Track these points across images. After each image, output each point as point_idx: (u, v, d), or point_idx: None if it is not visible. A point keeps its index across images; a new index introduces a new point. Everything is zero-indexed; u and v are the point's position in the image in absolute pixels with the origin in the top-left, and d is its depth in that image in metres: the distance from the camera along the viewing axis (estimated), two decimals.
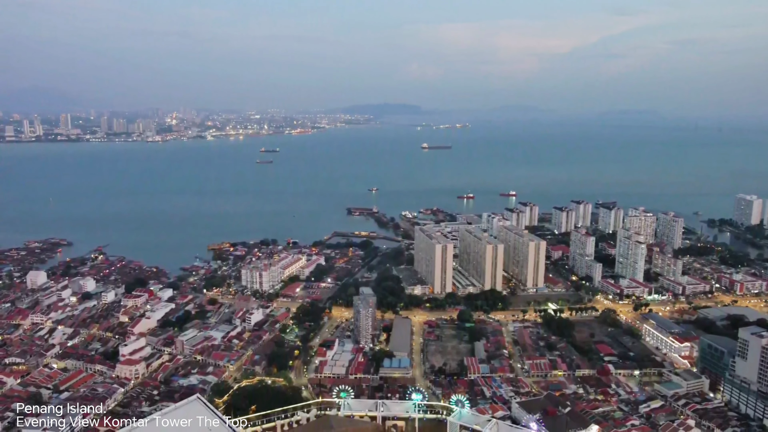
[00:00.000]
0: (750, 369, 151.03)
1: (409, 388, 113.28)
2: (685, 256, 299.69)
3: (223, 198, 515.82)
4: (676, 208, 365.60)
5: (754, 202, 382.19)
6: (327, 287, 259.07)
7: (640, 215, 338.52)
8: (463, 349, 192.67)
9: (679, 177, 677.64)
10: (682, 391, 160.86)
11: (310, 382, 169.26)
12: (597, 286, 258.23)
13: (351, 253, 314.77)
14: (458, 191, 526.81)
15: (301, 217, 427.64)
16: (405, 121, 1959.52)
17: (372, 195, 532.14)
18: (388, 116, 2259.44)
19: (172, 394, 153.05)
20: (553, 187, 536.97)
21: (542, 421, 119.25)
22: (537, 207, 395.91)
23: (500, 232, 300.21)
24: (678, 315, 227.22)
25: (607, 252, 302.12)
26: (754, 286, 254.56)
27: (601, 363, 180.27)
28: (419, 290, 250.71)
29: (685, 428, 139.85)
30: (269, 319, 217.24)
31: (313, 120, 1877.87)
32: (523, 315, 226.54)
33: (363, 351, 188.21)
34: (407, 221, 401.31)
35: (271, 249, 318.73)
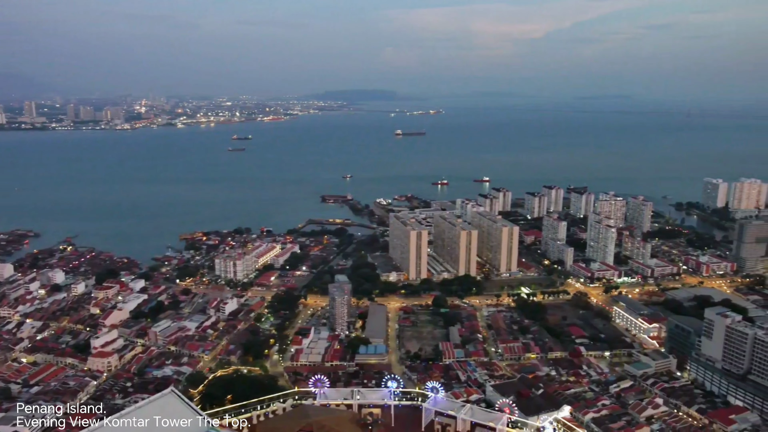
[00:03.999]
0: (715, 348, 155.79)
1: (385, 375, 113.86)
2: (654, 239, 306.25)
3: (195, 186, 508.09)
4: (646, 192, 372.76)
5: (720, 185, 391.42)
6: (302, 275, 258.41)
7: (611, 200, 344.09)
8: (438, 335, 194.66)
9: (649, 161, 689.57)
10: (651, 371, 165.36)
11: (286, 371, 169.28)
12: (569, 270, 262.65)
13: (326, 240, 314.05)
14: (432, 178, 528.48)
15: (275, 204, 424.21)
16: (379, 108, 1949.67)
17: (346, 182, 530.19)
18: (363, 102, 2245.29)
19: (146, 386, 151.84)
20: (526, 173, 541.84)
21: (516, 403, 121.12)
22: (510, 193, 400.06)
23: (474, 218, 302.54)
24: (647, 297, 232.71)
25: (579, 236, 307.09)
26: (719, 267, 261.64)
27: (572, 345, 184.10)
28: (394, 277, 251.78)
29: (653, 406, 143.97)
30: (244, 309, 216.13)
31: (285, 107, 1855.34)
32: (496, 299, 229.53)
33: (339, 338, 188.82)
34: (382, 208, 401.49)
35: (245, 238, 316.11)
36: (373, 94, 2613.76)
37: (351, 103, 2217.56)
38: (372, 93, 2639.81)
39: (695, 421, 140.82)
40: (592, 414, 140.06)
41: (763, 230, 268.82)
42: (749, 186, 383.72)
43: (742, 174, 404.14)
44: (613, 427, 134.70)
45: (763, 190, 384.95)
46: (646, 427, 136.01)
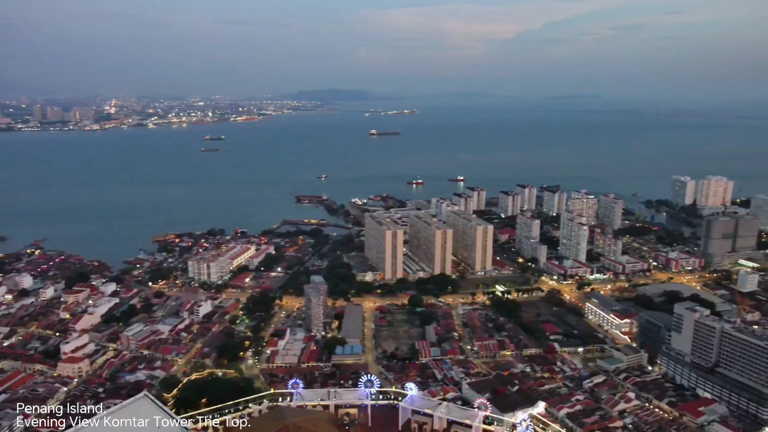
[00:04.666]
0: (684, 342, 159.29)
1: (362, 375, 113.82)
2: (625, 236, 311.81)
3: (167, 188, 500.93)
4: (616, 190, 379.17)
5: (688, 183, 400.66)
6: (277, 276, 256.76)
7: (582, 198, 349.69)
8: (415, 334, 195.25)
9: (620, 160, 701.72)
10: (623, 366, 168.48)
11: (261, 373, 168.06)
12: (542, 268, 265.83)
13: (301, 241, 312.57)
14: (407, 177, 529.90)
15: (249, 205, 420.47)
16: (353, 107, 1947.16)
17: (321, 182, 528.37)
18: (337, 102, 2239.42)
19: (119, 391, 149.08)
20: (499, 172, 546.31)
21: (491, 400, 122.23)
22: (484, 192, 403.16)
23: (449, 217, 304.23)
24: (618, 293, 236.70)
25: (552, 234, 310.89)
26: (688, 263, 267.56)
27: (547, 342, 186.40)
28: (370, 277, 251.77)
29: (625, 401, 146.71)
30: (218, 311, 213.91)
31: (259, 107, 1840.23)
32: (472, 298, 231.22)
33: (315, 339, 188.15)
34: (357, 208, 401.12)
35: (219, 239, 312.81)
36: (347, 94, 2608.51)
37: (325, 103, 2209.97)
38: (346, 93, 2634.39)
39: (666, 414, 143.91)
40: (567, 409, 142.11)
41: (729, 226, 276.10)
42: (716, 183, 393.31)
43: (709, 172, 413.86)
44: (586, 422, 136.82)
45: (729, 188, 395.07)
46: (619, 421, 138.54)
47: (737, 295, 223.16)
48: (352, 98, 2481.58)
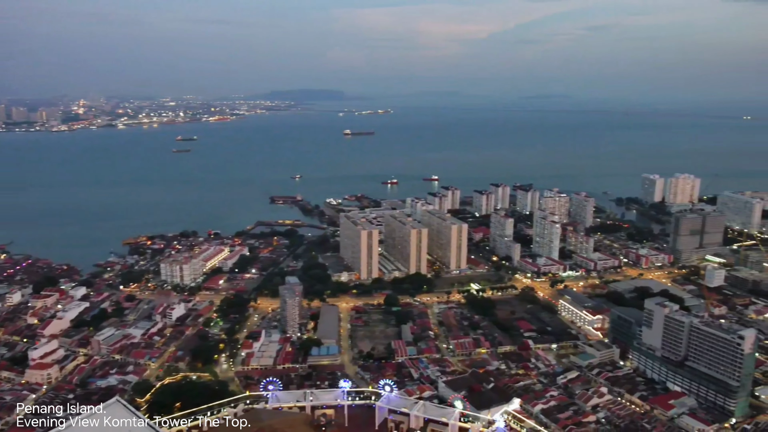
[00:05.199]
0: (655, 337, 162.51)
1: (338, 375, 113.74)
2: (596, 233, 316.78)
3: (138, 189, 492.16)
4: (588, 189, 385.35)
5: (657, 181, 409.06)
6: (252, 278, 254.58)
7: (555, 196, 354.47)
8: (391, 333, 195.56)
9: (591, 158, 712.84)
10: (596, 361, 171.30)
11: (237, 375, 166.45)
12: (516, 266, 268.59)
13: (275, 242, 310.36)
14: (382, 177, 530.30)
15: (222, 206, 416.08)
16: (328, 108, 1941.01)
17: (296, 183, 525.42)
18: (311, 102, 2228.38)
19: (90, 397, 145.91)
20: (473, 172, 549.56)
21: (467, 397, 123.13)
22: (459, 191, 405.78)
23: (424, 216, 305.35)
24: (590, 290, 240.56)
25: (525, 232, 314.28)
26: (657, 259, 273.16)
27: (521, 339, 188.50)
28: (346, 277, 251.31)
29: (598, 395, 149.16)
30: (192, 314, 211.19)
31: (232, 107, 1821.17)
32: (447, 296, 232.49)
33: (290, 340, 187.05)
34: (332, 208, 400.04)
35: (192, 241, 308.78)
36: (321, 93, 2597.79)
37: (299, 103, 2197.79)
38: (320, 93, 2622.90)
39: (638, 408, 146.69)
40: (541, 405, 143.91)
41: (696, 223, 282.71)
42: (683, 181, 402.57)
43: (677, 170, 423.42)
44: (561, 417, 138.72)
45: (696, 185, 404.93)
46: (592, 415, 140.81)
47: (705, 290, 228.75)
48: (326, 98, 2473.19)
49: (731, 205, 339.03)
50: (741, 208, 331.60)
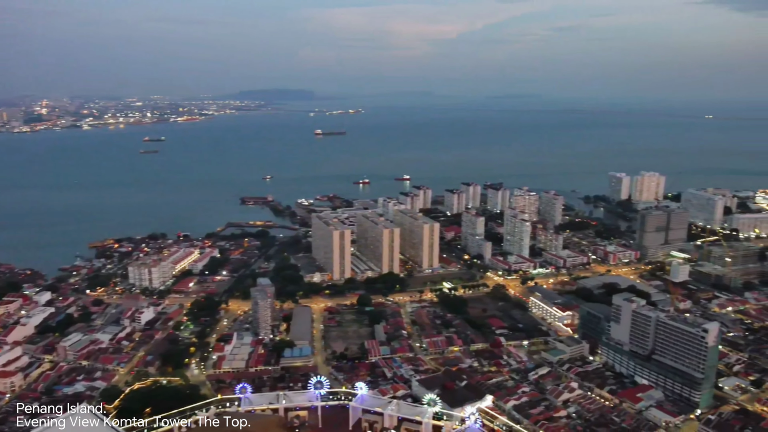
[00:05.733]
0: (623, 332, 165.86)
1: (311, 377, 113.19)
2: (565, 231, 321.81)
3: (105, 191, 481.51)
4: (556, 187, 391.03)
5: (623, 179, 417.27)
6: (222, 280, 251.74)
7: (525, 195, 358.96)
8: (364, 333, 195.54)
9: (559, 157, 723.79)
10: (566, 357, 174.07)
11: (208, 379, 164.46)
12: (487, 264, 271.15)
13: (246, 243, 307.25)
14: (354, 177, 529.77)
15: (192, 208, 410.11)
16: (298, 107, 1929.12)
17: (266, 183, 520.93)
18: (281, 102, 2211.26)
19: (56, 405, 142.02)
20: (445, 171, 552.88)
21: (441, 395, 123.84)
22: (430, 190, 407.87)
23: (396, 216, 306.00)
24: (560, 286, 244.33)
25: (496, 231, 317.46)
26: (624, 255, 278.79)
27: (493, 336, 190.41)
28: (318, 277, 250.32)
29: (569, 390, 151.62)
30: (161, 317, 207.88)
31: (200, 107, 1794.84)
32: (420, 295, 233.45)
33: (263, 342, 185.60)
34: (304, 209, 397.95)
35: (160, 243, 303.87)
36: (291, 93, 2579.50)
37: (269, 103, 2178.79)
38: (291, 93, 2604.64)
39: (607, 402, 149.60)
40: (513, 401, 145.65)
41: (661, 220, 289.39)
42: (649, 179, 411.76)
43: (643, 168, 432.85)
44: (533, 413, 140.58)
45: (662, 183, 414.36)
46: (563, 410, 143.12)
47: (670, 286, 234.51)
48: (297, 98, 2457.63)
49: (694, 202, 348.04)
50: (704, 205, 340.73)
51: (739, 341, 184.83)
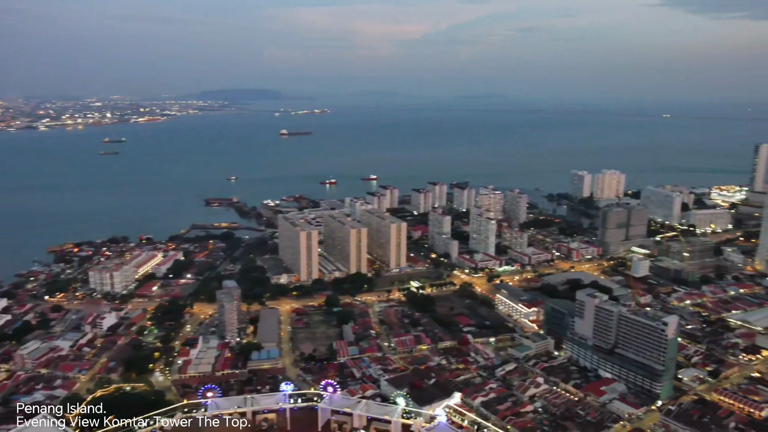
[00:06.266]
0: (586, 326, 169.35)
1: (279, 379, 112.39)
2: (530, 229, 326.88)
3: (63, 194, 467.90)
4: (521, 185, 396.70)
5: (585, 177, 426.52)
6: (187, 283, 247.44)
7: (490, 193, 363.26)
8: (332, 334, 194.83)
9: (523, 156, 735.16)
10: (532, 353, 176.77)
11: (174, 384, 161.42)
12: (454, 262, 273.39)
13: (211, 246, 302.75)
14: (320, 177, 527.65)
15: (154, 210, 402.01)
16: (263, 107, 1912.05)
17: (231, 184, 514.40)
18: (246, 102, 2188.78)
19: (14, 416, 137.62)
20: (411, 170, 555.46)
21: (410, 394, 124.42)
22: (397, 190, 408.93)
23: (363, 216, 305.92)
24: (525, 283, 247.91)
25: (462, 229, 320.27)
26: (587, 252, 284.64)
27: (460, 334, 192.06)
28: (285, 279, 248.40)
29: (535, 386, 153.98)
30: (124, 322, 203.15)
31: (162, 107, 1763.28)
32: (388, 295, 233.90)
33: (229, 346, 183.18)
34: (270, 210, 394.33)
35: (122, 247, 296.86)
36: (256, 93, 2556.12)
37: (233, 103, 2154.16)
38: (255, 92, 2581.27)
39: (572, 396, 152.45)
40: (481, 398, 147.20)
41: (622, 216, 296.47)
42: (610, 177, 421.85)
43: (604, 166, 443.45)
44: (500, 409, 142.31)
45: (622, 180, 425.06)
46: (530, 405, 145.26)
47: (631, 281, 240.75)
48: (262, 98, 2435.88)
49: (653, 198, 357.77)
50: (662, 202, 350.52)
51: (697, 333, 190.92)
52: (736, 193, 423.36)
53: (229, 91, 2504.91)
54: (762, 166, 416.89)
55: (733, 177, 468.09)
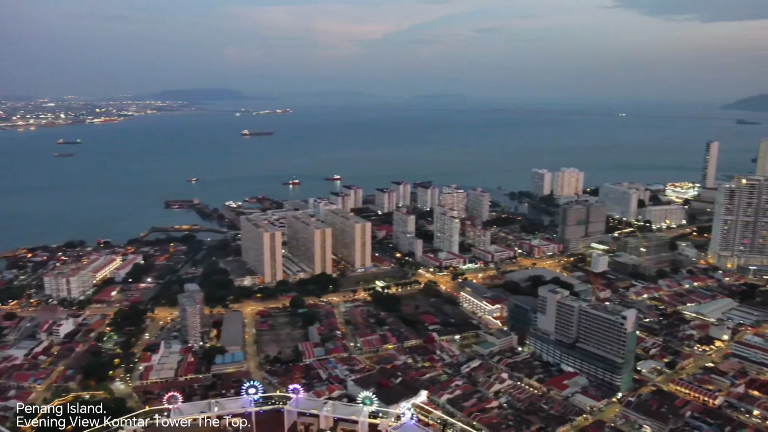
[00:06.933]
0: (548, 322, 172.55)
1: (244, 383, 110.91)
2: (492, 227, 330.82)
3: (15, 197, 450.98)
4: (483, 184, 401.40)
5: (545, 175, 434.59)
6: (148, 287, 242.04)
7: (453, 192, 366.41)
8: (298, 335, 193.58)
9: (485, 155, 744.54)
10: (496, 349, 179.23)
11: (135, 391, 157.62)
12: (419, 261, 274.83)
13: (172, 248, 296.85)
14: (283, 177, 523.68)
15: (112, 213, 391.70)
16: (224, 107, 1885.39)
17: (192, 186, 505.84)
18: (206, 102, 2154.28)
19: None
20: (375, 170, 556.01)
21: (376, 394, 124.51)
22: (361, 190, 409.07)
23: (327, 216, 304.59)
24: (489, 281, 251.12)
25: (426, 228, 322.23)
26: (548, 249, 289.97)
27: (426, 332, 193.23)
28: (249, 281, 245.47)
29: (499, 381, 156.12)
30: (82, 329, 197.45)
31: (119, 107, 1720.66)
32: (353, 295, 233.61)
33: (192, 350, 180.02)
34: (232, 211, 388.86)
35: (79, 251, 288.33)
36: (216, 93, 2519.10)
37: (193, 103, 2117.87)
38: (216, 92, 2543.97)
39: (536, 390, 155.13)
40: (447, 395, 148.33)
41: (581, 213, 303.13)
42: (569, 175, 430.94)
43: (563, 164, 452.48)
44: (466, 406, 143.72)
45: (581, 178, 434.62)
46: (495, 401, 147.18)
47: (591, 276, 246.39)
48: (223, 98, 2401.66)
49: (611, 195, 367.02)
50: (620, 199, 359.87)
51: (654, 326, 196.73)
52: (689, 189, 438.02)
53: (189, 90, 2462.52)
54: (713, 163, 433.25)
55: (685, 174, 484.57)
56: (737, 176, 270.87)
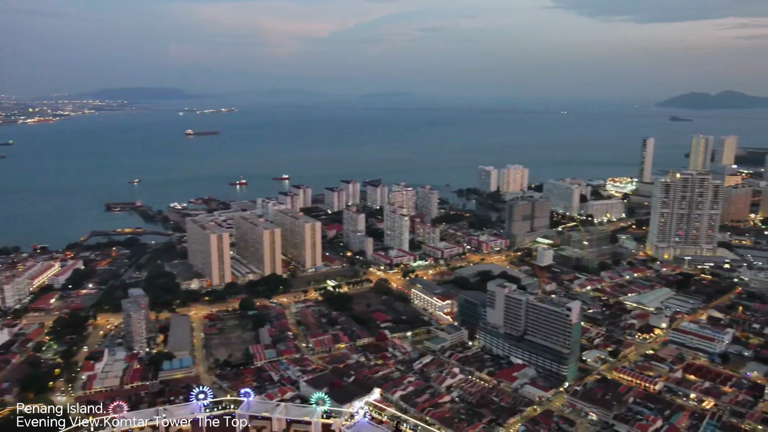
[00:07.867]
0: (497, 316, 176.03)
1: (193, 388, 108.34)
2: (441, 223, 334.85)
3: None
4: (431, 182, 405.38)
5: (492, 172, 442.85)
6: (89, 294, 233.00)
7: (402, 190, 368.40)
8: (248, 338, 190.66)
9: (433, 153, 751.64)
10: (447, 344, 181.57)
11: (78, 401, 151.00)
12: (370, 259, 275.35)
13: (114, 253, 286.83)
14: (230, 178, 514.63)
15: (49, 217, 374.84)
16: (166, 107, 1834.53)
17: (134, 187, 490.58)
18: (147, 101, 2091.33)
19: None
20: (323, 169, 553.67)
21: (329, 393, 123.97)
22: (310, 189, 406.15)
23: (276, 216, 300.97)
24: (439, 277, 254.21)
25: (377, 227, 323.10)
26: (496, 244, 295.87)
27: (378, 330, 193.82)
28: (196, 284, 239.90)
29: (451, 376, 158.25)
30: (18, 339, 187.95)
31: (54, 107, 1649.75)
32: (304, 295, 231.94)
33: (138, 357, 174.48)
34: (177, 213, 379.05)
35: (14, 258, 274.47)
36: (158, 92, 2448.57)
37: (133, 102, 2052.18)
38: (157, 91, 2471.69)
39: (486, 383, 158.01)
40: (400, 392, 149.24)
41: (527, 209, 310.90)
42: (514, 171, 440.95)
43: (508, 161, 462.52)
44: (419, 401, 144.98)
45: (526, 174, 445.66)
46: (447, 395, 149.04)
47: (537, 270, 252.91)
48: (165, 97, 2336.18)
49: (555, 191, 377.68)
50: (563, 194, 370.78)
51: (598, 317, 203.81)
52: (627, 184, 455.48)
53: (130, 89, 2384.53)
54: (649, 159, 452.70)
55: (624, 169, 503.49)
56: (672, 171, 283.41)
